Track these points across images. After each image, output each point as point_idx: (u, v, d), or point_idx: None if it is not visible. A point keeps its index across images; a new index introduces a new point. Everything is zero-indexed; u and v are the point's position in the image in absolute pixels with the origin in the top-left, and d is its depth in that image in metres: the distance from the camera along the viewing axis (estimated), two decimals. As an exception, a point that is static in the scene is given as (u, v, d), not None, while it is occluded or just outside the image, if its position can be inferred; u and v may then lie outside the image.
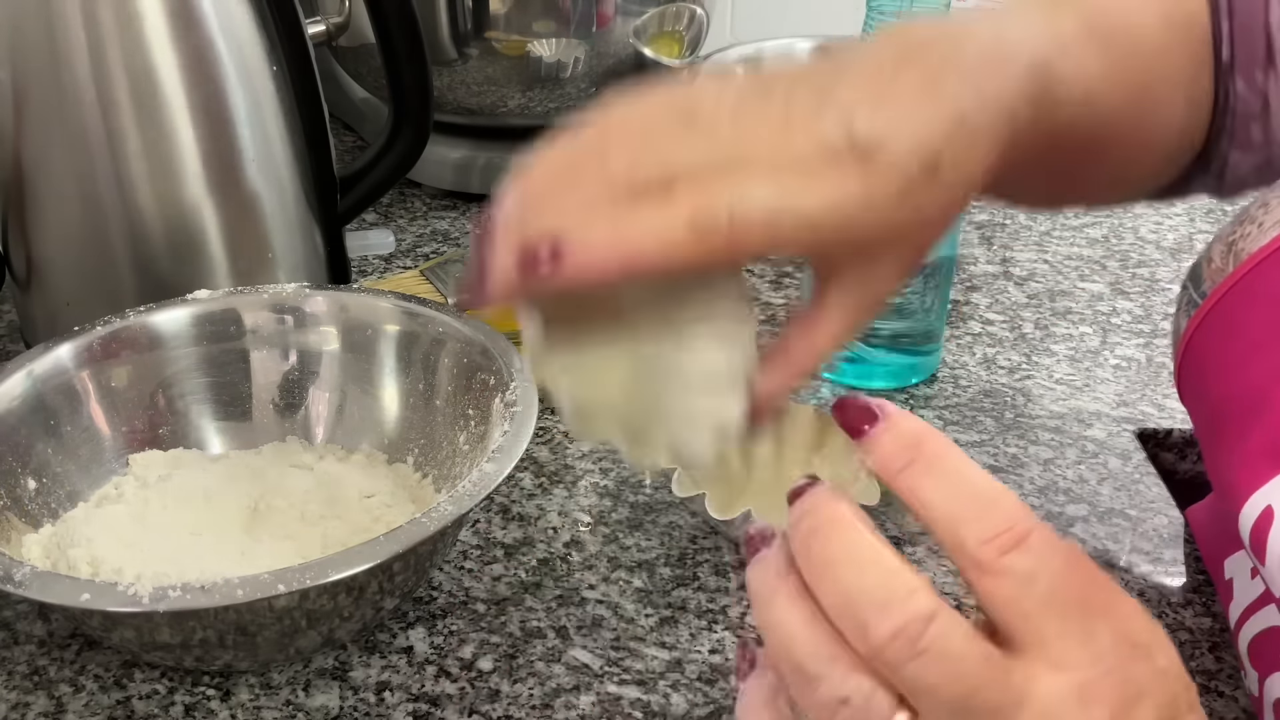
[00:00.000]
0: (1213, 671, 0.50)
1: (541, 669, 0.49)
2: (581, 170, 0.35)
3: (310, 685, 0.48)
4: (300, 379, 0.60)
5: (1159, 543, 0.57)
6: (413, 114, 0.71)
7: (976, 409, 0.67)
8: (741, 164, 0.35)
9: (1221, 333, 0.46)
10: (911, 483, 0.32)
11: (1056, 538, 0.30)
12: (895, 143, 0.36)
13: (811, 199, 0.35)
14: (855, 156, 0.35)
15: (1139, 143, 0.47)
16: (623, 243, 0.34)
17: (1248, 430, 0.43)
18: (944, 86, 0.37)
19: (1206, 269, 0.47)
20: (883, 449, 0.32)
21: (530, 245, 0.34)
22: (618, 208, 0.34)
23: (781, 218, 0.35)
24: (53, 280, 0.64)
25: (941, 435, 0.32)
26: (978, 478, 0.31)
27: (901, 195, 0.36)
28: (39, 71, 0.59)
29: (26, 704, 0.47)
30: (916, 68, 0.38)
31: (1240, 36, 0.49)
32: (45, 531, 0.51)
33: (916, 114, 0.36)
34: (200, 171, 0.61)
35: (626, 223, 0.34)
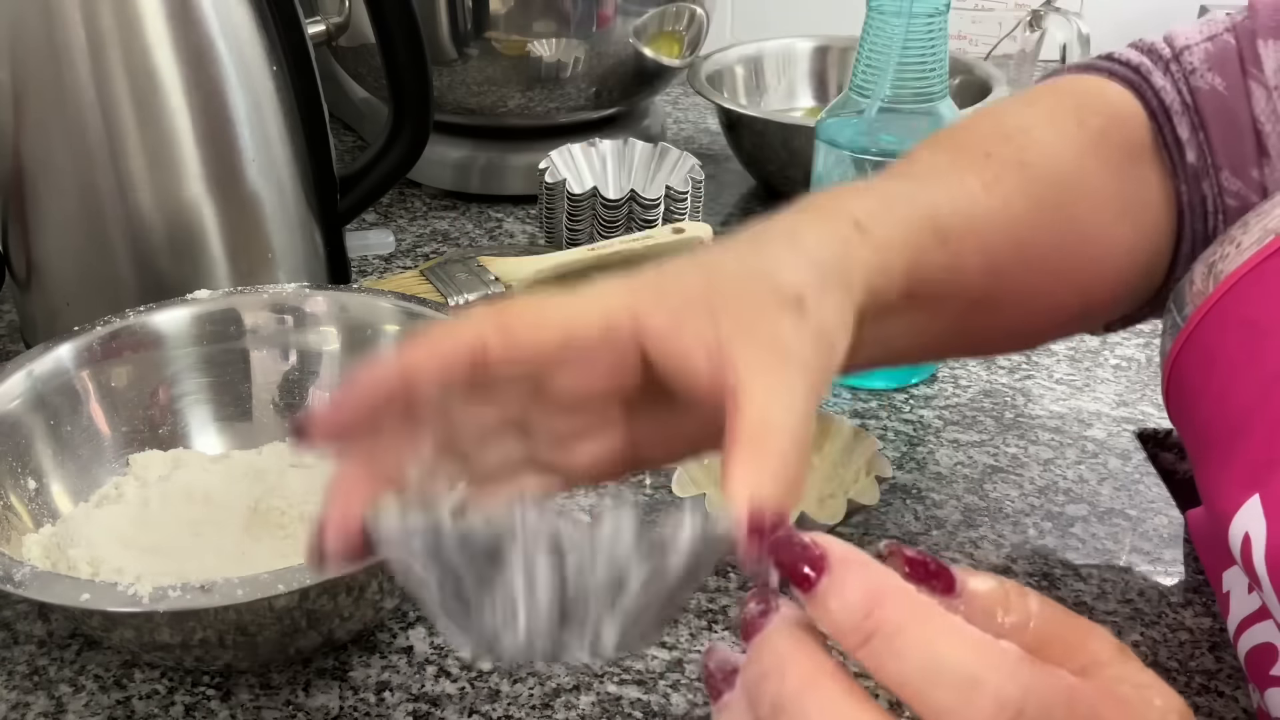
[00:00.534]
0: (1213, 671, 0.50)
1: (541, 669, 0.49)
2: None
3: (310, 685, 0.48)
4: (300, 379, 0.60)
5: (1159, 543, 0.57)
6: (413, 114, 0.71)
7: (976, 409, 0.67)
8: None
9: (1202, 357, 0.45)
10: (874, 664, 0.26)
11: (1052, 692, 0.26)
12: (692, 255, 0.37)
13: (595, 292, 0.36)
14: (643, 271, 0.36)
15: (1074, 257, 0.47)
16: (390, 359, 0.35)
17: (1230, 454, 0.43)
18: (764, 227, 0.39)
19: (1189, 291, 0.46)
20: (833, 620, 0.27)
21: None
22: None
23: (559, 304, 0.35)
24: (53, 280, 0.64)
25: (899, 591, 0.27)
26: (952, 653, 0.25)
27: (697, 261, 0.37)
28: (39, 71, 0.59)
29: (26, 704, 0.47)
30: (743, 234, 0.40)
31: (1217, 136, 0.49)
32: (45, 531, 0.51)
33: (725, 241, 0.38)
34: (200, 171, 0.62)
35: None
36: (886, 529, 0.57)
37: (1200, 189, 0.49)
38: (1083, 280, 0.49)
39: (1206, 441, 0.45)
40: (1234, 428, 0.43)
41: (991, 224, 0.44)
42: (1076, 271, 0.48)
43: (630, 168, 0.82)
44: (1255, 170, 0.48)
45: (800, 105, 1.02)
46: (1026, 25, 1.00)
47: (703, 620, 0.52)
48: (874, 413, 0.67)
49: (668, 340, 0.34)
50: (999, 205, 0.44)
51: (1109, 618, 0.52)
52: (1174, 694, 0.28)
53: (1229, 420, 0.43)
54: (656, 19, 0.87)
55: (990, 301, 0.45)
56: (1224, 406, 0.44)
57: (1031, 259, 0.46)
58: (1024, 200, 0.45)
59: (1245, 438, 0.42)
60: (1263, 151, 0.48)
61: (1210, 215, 0.50)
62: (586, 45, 0.85)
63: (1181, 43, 0.50)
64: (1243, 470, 0.41)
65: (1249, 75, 0.48)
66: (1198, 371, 0.46)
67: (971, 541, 0.57)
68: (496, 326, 0.34)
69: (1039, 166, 0.46)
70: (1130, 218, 0.49)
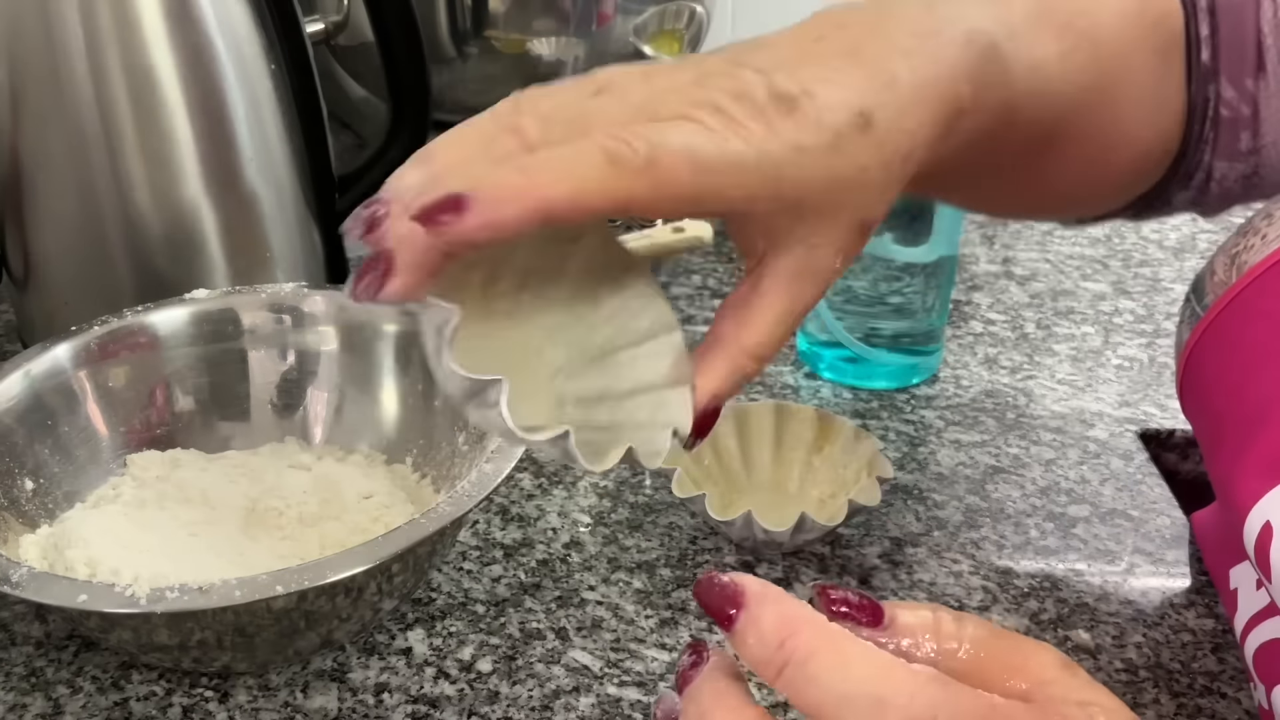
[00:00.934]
0: (1215, 673, 0.50)
1: (541, 670, 0.49)
2: (491, 140, 0.32)
3: (309, 687, 0.48)
4: (298, 379, 0.59)
5: (1161, 544, 0.57)
6: (411, 113, 0.70)
7: (978, 409, 0.67)
8: (659, 113, 0.33)
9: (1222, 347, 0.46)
10: (791, 692, 0.28)
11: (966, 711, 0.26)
12: (822, 94, 0.34)
13: (737, 142, 0.32)
14: (778, 108, 0.33)
15: (1103, 141, 0.46)
16: (533, 185, 0.30)
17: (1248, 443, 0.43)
18: (869, 51, 0.36)
19: (1209, 281, 0.47)
20: (751, 654, 0.28)
21: (431, 204, 0.30)
22: (528, 156, 0.31)
23: (705, 157, 0.32)
24: (50, 280, 0.64)
25: (811, 620, 0.28)
26: (859, 675, 0.27)
27: (833, 147, 0.34)
28: (37, 71, 0.58)
29: (24, 705, 0.47)
30: (840, 37, 0.36)
31: (1225, 40, 0.48)
32: (42, 532, 0.51)
33: (842, 72, 0.35)
34: (198, 170, 0.61)
35: (537, 163, 0.31)
36: (888, 530, 0.57)
37: (1205, 91, 0.48)
38: (1095, 162, 0.47)
39: (1222, 431, 0.45)
40: (1253, 417, 0.43)
41: (1048, 98, 0.43)
42: (1094, 152, 0.47)
43: (630, 167, 0.81)
44: (1250, 80, 0.48)
45: (800, 104, 1.02)
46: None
47: (703, 621, 0.52)
48: (875, 413, 0.66)
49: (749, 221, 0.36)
50: (1064, 80, 0.43)
51: (1111, 618, 0.52)
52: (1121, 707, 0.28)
53: (1247, 409, 0.43)
54: (656, 17, 0.87)
55: (1007, 163, 0.44)
56: (1243, 396, 0.44)
57: (1062, 133, 0.45)
58: (1084, 80, 0.43)
59: (1265, 427, 0.42)
60: (1260, 64, 0.48)
61: (1206, 122, 0.49)
62: (586, 44, 0.85)
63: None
64: (1263, 460, 0.41)
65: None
66: (1216, 360, 0.46)
67: (973, 542, 0.57)
68: (651, 187, 0.32)
69: (1106, 47, 0.45)
70: (1155, 109, 0.47)
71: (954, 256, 0.67)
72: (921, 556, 0.56)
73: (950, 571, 0.55)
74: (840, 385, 0.69)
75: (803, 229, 0.36)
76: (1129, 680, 0.49)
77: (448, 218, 0.30)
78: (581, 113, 0.32)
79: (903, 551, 0.56)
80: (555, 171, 0.30)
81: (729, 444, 0.59)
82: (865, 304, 0.66)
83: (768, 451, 0.59)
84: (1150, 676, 0.49)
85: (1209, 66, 0.48)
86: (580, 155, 0.31)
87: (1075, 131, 0.44)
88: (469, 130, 0.33)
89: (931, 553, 0.56)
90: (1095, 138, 0.46)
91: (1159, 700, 0.48)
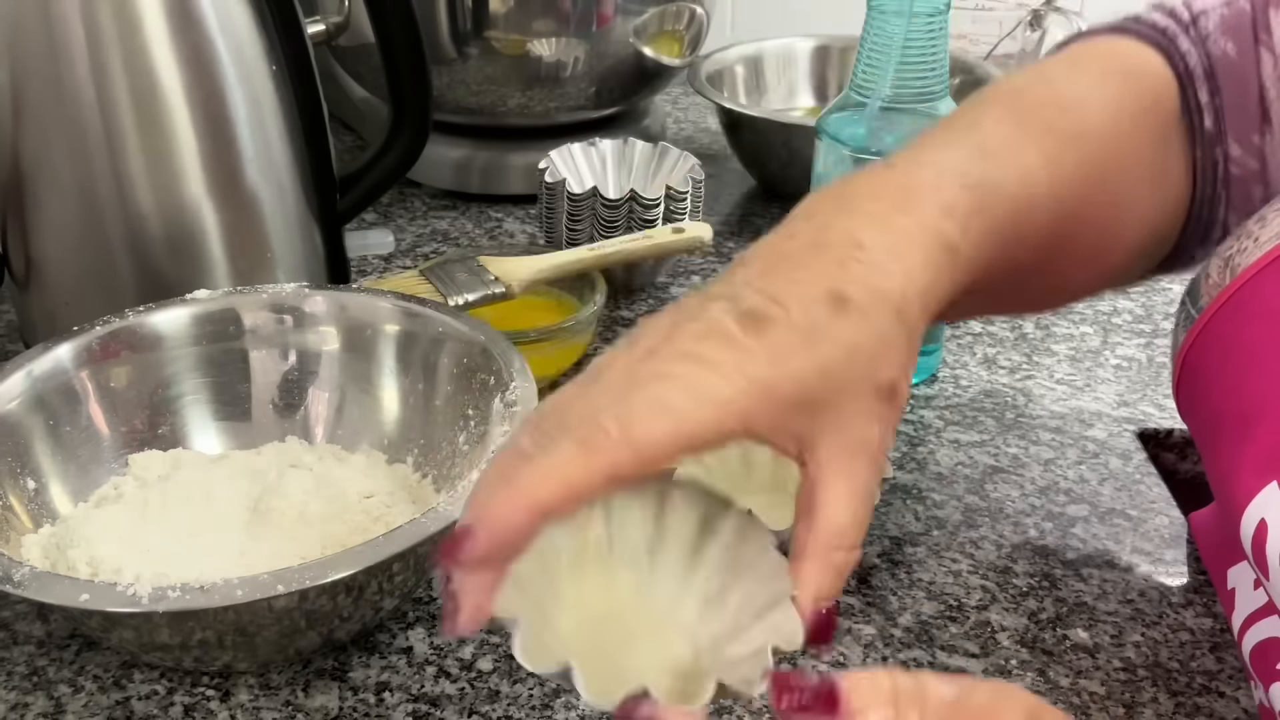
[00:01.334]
0: (1214, 672, 0.50)
1: (541, 669, 0.49)
2: (504, 464, 0.34)
3: (310, 686, 0.48)
4: (300, 379, 0.60)
5: (1160, 543, 0.57)
6: (412, 113, 0.70)
7: (977, 409, 0.67)
8: (630, 386, 0.34)
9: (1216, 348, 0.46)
10: None
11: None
12: (789, 296, 0.35)
13: (711, 380, 0.34)
14: (749, 329, 0.35)
15: (1111, 227, 0.47)
16: (522, 494, 0.33)
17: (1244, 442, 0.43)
18: (835, 232, 0.37)
19: (1204, 284, 0.47)
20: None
21: (448, 544, 0.33)
22: (521, 467, 0.34)
23: (681, 408, 0.34)
24: (52, 280, 0.64)
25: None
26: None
27: (811, 340, 0.35)
28: (38, 71, 0.59)
29: (26, 704, 0.47)
30: (807, 229, 0.38)
31: (1229, 102, 0.49)
32: (44, 532, 0.51)
33: (808, 267, 0.36)
34: (199, 171, 0.61)
35: (524, 473, 0.33)
36: (887, 529, 0.57)
37: (1213, 154, 0.49)
38: (1106, 250, 0.48)
39: (1218, 430, 0.45)
40: (1248, 415, 0.43)
41: (1047, 204, 0.44)
42: (1104, 242, 0.48)
43: (630, 168, 0.81)
44: (1256, 136, 0.49)
45: (800, 105, 1.02)
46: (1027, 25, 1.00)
47: (703, 621, 0.52)
48: (874, 413, 0.66)
49: (770, 435, 0.37)
50: (1056, 184, 0.44)
51: (1110, 618, 0.52)
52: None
53: (1243, 408, 0.43)
54: (656, 18, 0.87)
55: (1022, 274, 0.45)
56: (1238, 394, 0.44)
57: (1069, 233, 0.46)
58: (1076, 174, 0.44)
59: (1260, 424, 0.42)
60: (1265, 118, 0.48)
61: (1217, 182, 0.49)
62: (586, 45, 0.85)
63: (1199, 6, 0.50)
64: (1258, 457, 0.42)
65: (1260, 41, 0.49)
66: (1212, 360, 0.46)
67: (972, 542, 0.57)
68: (631, 454, 0.34)
69: (1093, 139, 0.46)
70: (1159, 187, 0.49)
71: (953, 257, 0.67)
72: (921, 556, 0.56)
73: (949, 571, 0.55)
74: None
75: (824, 418, 0.36)
76: (1127, 679, 0.49)
77: (465, 547, 0.32)
78: (568, 411, 0.35)
79: (902, 551, 0.56)
80: (538, 475, 0.33)
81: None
82: (865, 304, 0.66)
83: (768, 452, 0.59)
84: (1149, 675, 0.49)
85: (1213, 131, 0.49)
86: (559, 452, 0.33)
87: (1082, 226, 0.45)
88: (495, 460, 0.35)
89: (931, 552, 0.56)
90: (1102, 226, 0.46)
91: (1157, 699, 0.48)
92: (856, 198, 0.39)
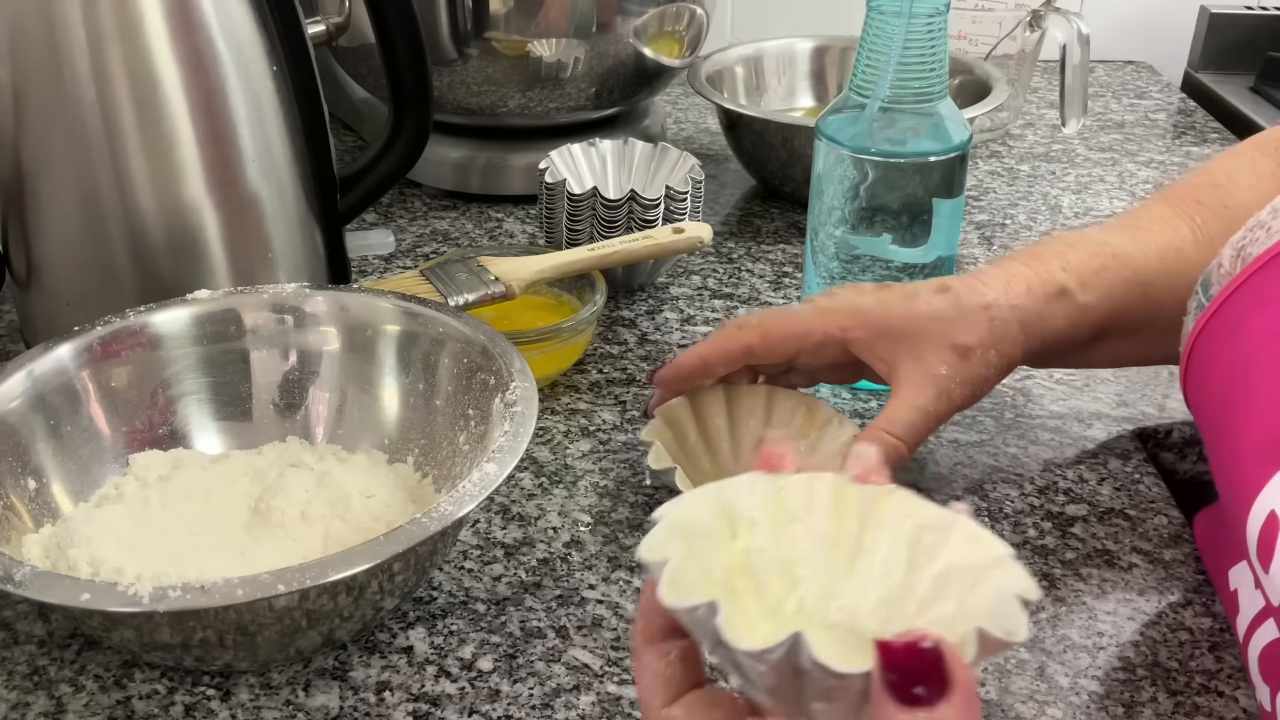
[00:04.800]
0: (1213, 671, 0.50)
1: (541, 669, 0.49)
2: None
3: (310, 685, 0.48)
4: (300, 379, 0.60)
5: (1159, 542, 0.57)
6: (413, 114, 0.71)
7: (976, 409, 0.67)
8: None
9: (1225, 335, 0.46)
10: None
11: None
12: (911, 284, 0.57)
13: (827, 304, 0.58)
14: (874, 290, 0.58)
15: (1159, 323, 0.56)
16: (694, 350, 0.58)
17: (1248, 428, 0.43)
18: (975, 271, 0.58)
19: (1216, 273, 0.47)
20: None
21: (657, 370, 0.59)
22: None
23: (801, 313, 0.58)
24: (53, 280, 0.64)
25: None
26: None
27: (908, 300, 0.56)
28: (39, 71, 0.59)
29: (27, 704, 0.48)
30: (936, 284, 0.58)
31: None
32: (45, 531, 0.51)
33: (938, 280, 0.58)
34: (200, 171, 0.61)
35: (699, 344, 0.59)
36: (886, 529, 0.57)
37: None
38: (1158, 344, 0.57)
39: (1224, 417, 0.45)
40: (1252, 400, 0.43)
41: (1194, 267, 0.53)
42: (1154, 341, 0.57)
43: (630, 168, 0.82)
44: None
45: (800, 105, 1.02)
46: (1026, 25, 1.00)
47: (703, 620, 0.52)
48: (875, 413, 0.67)
49: (863, 350, 0.56)
50: (1203, 248, 0.56)
51: (1109, 617, 0.52)
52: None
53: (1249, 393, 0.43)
54: (656, 19, 0.87)
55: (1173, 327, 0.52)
56: (1244, 380, 0.44)
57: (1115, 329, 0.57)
58: (1222, 238, 0.51)
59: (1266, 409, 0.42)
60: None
61: None
62: (586, 45, 0.85)
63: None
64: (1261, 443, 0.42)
65: None
66: (1220, 346, 0.46)
67: (971, 541, 0.57)
68: (760, 336, 0.56)
69: (1240, 209, 0.54)
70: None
71: (952, 257, 0.67)
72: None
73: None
74: (840, 385, 0.69)
75: (905, 350, 0.54)
76: (1127, 679, 0.49)
77: (659, 373, 0.59)
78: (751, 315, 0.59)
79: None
80: (706, 341, 0.57)
81: (718, 422, 0.59)
82: (864, 304, 0.67)
83: (756, 433, 0.59)
84: (1148, 675, 0.50)
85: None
86: (722, 330, 0.58)
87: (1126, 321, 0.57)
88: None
89: (930, 552, 0.56)
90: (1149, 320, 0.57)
91: (1156, 699, 0.48)
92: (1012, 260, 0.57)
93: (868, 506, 0.36)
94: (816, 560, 0.35)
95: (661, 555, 0.32)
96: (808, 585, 0.35)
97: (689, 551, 0.33)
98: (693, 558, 0.33)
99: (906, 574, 0.34)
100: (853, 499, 0.36)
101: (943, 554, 0.34)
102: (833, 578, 0.35)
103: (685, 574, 0.32)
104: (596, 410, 0.67)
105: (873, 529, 0.35)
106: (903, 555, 0.35)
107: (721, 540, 0.34)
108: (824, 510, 0.36)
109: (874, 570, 0.35)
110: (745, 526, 0.35)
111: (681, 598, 0.31)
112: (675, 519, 0.33)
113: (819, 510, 0.36)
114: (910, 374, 0.54)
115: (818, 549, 0.35)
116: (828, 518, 0.36)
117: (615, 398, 0.68)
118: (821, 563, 0.35)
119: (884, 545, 0.35)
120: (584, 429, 0.65)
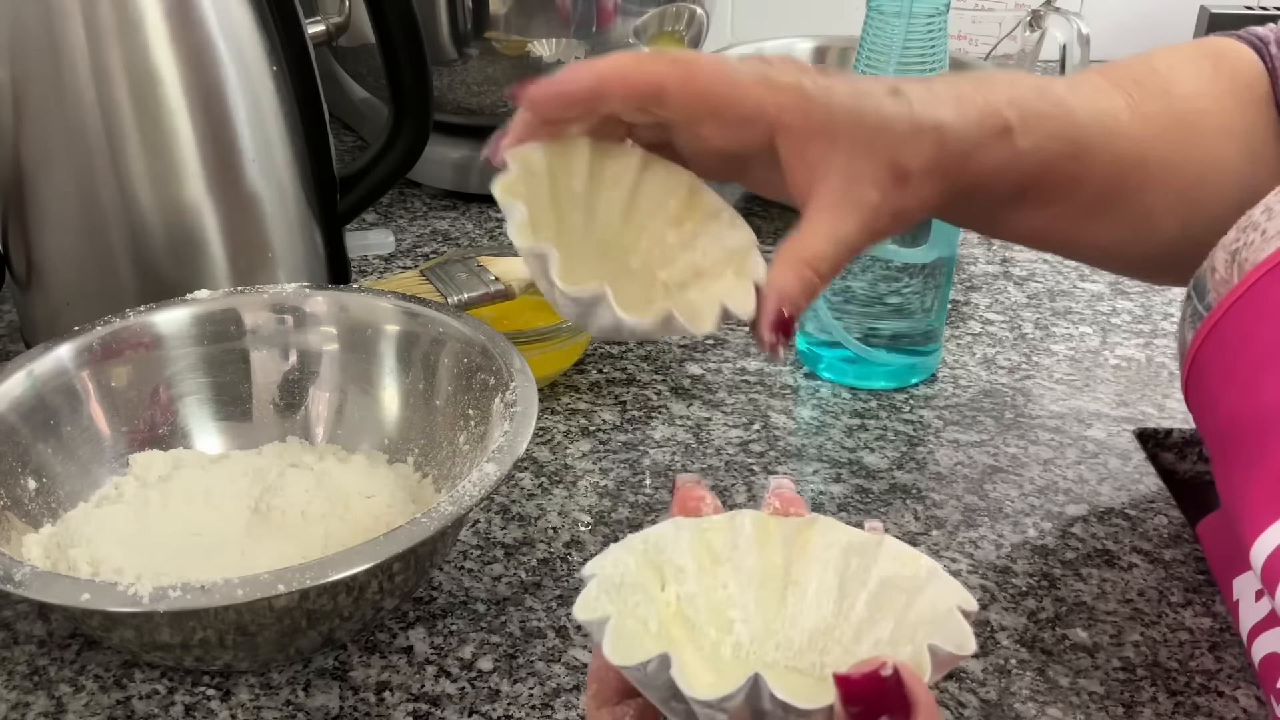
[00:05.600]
0: (1213, 671, 0.50)
1: (542, 669, 0.49)
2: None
3: (310, 685, 0.48)
4: (300, 379, 0.60)
5: (1159, 543, 0.57)
6: (413, 114, 0.71)
7: (976, 409, 0.67)
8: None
9: (1228, 347, 0.45)
10: None
11: None
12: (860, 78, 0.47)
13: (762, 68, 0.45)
14: (821, 72, 0.45)
15: (1195, 180, 0.50)
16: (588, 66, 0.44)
17: (1259, 455, 0.42)
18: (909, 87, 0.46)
19: (1210, 279, 0.47)
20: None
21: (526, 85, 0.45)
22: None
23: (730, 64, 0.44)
24: (53, 280, 0.64)
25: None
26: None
27: (859, 95, 0.44)
28: (39, 71, 0.59)
29: (26, 704, 0.47)
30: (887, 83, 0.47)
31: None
32: (45, 531, 0.51)
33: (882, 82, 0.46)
34: (200, 171, 0.62)
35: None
36: (887, 529, 0.57)
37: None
38: (1195, 202, 0.51)
39: (1232, 435, 0.45)
40: (1263, 424, 0.42)
41: (1127, 141, 0.49)
42: (1194, 194, 0.51)
43: (630, 167, 0.81)
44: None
45: (800, 105, 1.02)
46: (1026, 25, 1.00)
47: (703, 620, 0.52)
48: (874, 413, 0.67)
49: (789, 146, 0.44)
50: (1139, 125, 0.49)
51: (1109, 617, 0.52)
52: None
53: (1258, 415, 0.43)
54: (656, 19, 0.87)
55: (1102, 211, 0.49)
56: (1253, 399, 0.43)
57: (1153, 178, 0.50)
58: (1162, 123, 0.49)
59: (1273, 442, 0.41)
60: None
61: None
62: (586, 45, 0.85)
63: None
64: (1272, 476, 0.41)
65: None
66: (1223, 362, 0.46)
67: (971, 541, 0.57)
68: (682, 78, 0.43)
69: (1181, 97, 0.50)
70: (1253, 159, 0.51)
71: (952, 257, 0.67)
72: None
73: (948, 570, 0.55)
74: (839, 385, 0.69)
75: (836, 160, 0.43)
76: (1127, 679, 0.49)
77: (531, 89, 0.44)
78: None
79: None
80: (608, 63, 0.43)
81: (574, 185, 0.46)
82: (864, 304, 0.67)
83: (617, 206, 0.46)
84: (1148, 675, 0.50)
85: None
86: (628, 56, 0.43)
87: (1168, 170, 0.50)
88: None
89: (930, 552, 0.56)
90: (1190, 177, 0.50)
91: (1156, 699, 0.48)
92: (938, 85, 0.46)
93: (790, 539, 0.37)
94: (748, 600, 0.36)
95: (598, 613, 0.32)
96: (741, 627, 0.36)
97: (623, 607, 0.34)
98: (628, 613, 0.34)
99: (839, 600, 0.36)
100: (775, 533, 0.37)
101: (873, 575, 0.35)
102: (765, 616, 0.36)
103: (624, 630, 0.32)
104: (596, 410, 0.67)
105: (799, 560, 0.36)
106: (833, 583, 0.36)
107: (653, 591, 0.35)
108: (748, 548, 0.37)
109: (806, 602, 0.36)
110: (673, 574, 0.36)
111: (627, 656, 0.31)
112: (605, 575, 0.34)
113: (744, 549, 0.37)
114: (835, 196, 0.43)
115: (747, 588, 0.36)
116: (754, 554, 0.37)
117: (615, 398, 0.68)
118: (753, 602, 0.36)
119: (814, 575, 0.36)
120: (584, 429, 0.65)
